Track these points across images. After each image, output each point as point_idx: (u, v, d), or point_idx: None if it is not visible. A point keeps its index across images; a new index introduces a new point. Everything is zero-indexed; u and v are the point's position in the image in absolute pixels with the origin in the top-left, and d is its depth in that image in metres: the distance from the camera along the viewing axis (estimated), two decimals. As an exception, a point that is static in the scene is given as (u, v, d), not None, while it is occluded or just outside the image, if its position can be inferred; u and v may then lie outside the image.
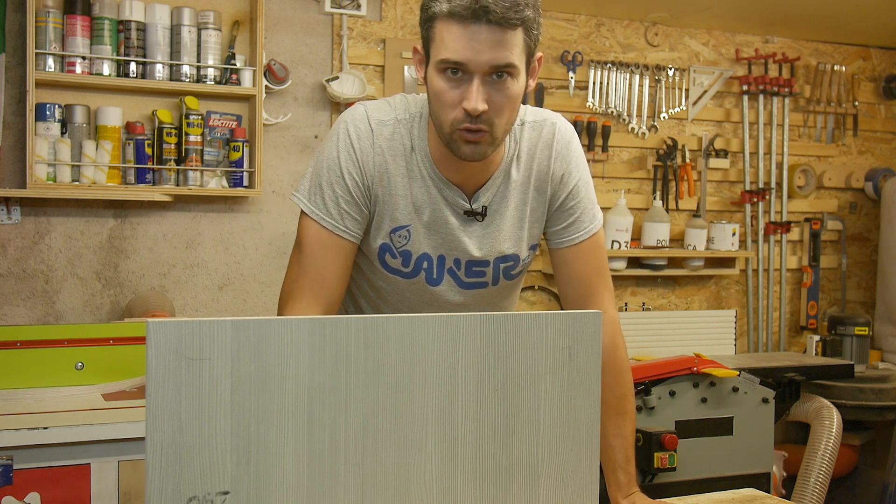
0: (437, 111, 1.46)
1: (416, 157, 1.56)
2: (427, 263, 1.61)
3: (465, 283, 1.64)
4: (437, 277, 1.62)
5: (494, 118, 1.43)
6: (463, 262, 1.62)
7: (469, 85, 1.41)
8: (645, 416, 2.63)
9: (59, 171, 2.91)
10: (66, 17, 2.91)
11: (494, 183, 1.60)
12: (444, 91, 1.43)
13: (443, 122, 1.46)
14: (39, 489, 2.09)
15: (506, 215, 1.62)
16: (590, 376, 1.19)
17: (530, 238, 1.66)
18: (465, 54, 1.38)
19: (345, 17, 3.38)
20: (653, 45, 3.99)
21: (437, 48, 1.42)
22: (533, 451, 1.16)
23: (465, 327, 1.11)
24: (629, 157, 3.96)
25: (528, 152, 1.62)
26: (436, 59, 1.42)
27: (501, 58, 1.39)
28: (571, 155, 1.64)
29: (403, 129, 1.57)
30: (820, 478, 3.06)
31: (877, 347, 4.15)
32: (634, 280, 3.98)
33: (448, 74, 1.41)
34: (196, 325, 0.98)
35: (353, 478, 1.06)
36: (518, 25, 1.39)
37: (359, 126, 1.55)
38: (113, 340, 2.58)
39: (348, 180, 1.54)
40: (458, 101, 1.42)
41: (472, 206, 1.58)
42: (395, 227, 1.58)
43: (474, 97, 1.40)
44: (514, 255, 1.65)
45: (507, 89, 1.42)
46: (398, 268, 1.61)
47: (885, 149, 4.50)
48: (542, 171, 1.62)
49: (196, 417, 0.98)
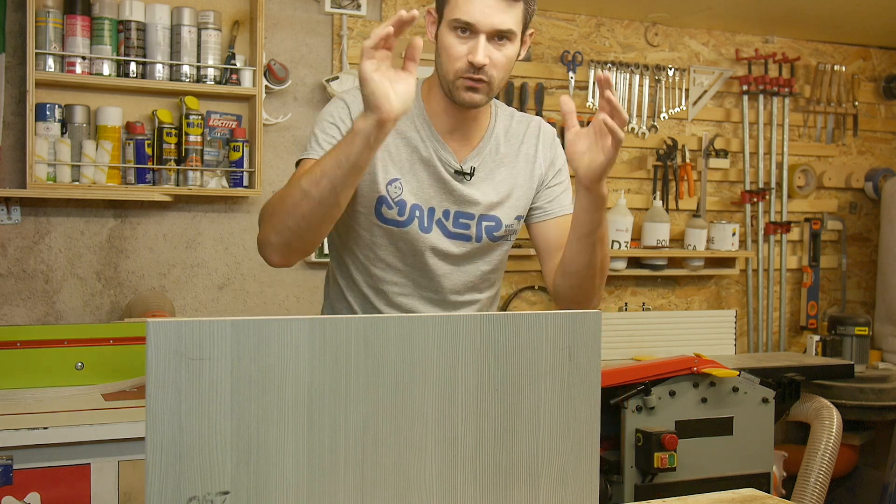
0: (445, 62, 1.72)
1: (413, 120, 1.79)
2: (419, 212, 1.80)
3: (452, 234, 1.83)
4: (427, 226, 1.81)
5: (493, 71, 1.70)
6: (451, 212, 1.82)
7: (475, 42, 1.68)
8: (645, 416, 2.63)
9: (59, 171, 2.91)
10: (66, 17, 2.91)
11: (482, 151, 1.84)
12: (454, 45, 1.69)
13: (448, 71, 1.71)
14: (39, 489, 2.09)
15: (492, 181, 1.84)
16: (590, 376, 1.19)
17: (514, 207, 1.87)
18: (476, 16, 1.66)
19: (345, 17, 3.38)
20: (653, 45, 3.99)
21: (451, 9, 1.69)
22: (533, 451, 1.16)
23: (465, 327, 1.11)
24: (629, 157, 3.96)
25: (518, 138, 1.89)
26: (449, 18, 1.69)
27: (504, 23, 1.68)
28: (556, 148, 1.93)
29: None
30: (820, 478, 3.06)
31: (877, 347, 4.15)
32: (634, 280, 3.97)
33: (458, 32, 1.68)
34: (196, 325, 0.98)
35: (353, 478, 1.06)
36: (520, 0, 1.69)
37: (353, 94, 1.75)
38: (113, 340, 2.58)
39: (340, 124, 1.75)
40: (464, 54, 1.69)
41: (462, 167, 1.81)
42: (391, 180, 1.78)
43: (480, 52, 1.67)
44: (495, 217, 1.85)
45: (504, 50, 1.71)
46: (394, 217, 1.79)
47: (885, 149, 4.50)
48: (529, 155, 1.89)
49: (196, 417, 0.98)
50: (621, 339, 3.75)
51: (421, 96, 1.82)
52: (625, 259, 3.78)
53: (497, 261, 1.92)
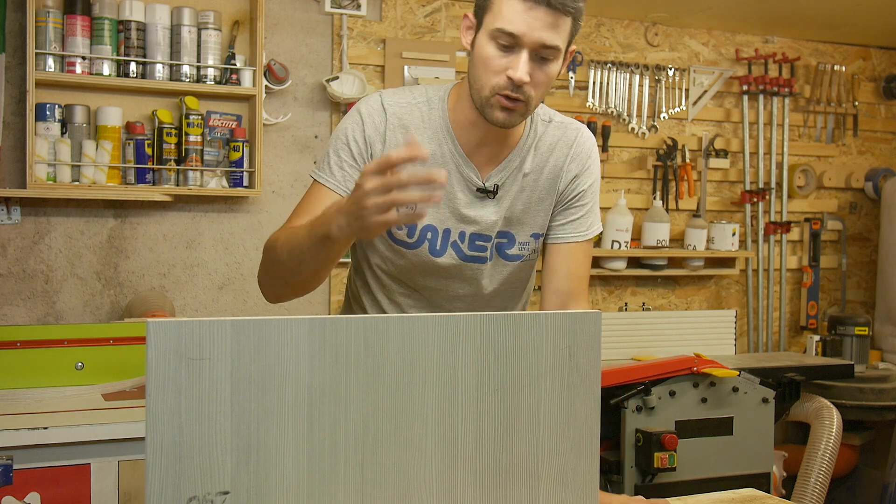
0: (481, 75, 1.56)
1: (436, 137, 1.66)
2: (431, 234, 1.68)
3: (467, 257, 1.71)
4: (440, 248, 1.70)
5: (532, 91, 1.55)
6: (468, 234, 1.70)
7: (517, 56, 1.52)
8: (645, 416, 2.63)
9: (59, 171, 2.91)
10: (66, 17, 2.91)
11: (509, 167, 1.69)
12: (493, 57, 1.53)
13: (483, 86, 1.56)
14: (39, 489, 2.09)
15: (511, 196, 1.70)
16: (590, 376, 1.19)
17: (532, 225, 1.73)
18: (522, 28, 1.50)
19: (345, 17, 3.38)
20: (653, 45, 3.99)
21: (493, 17, 1.52)
22: (533, 451, 1.16)
23: (465, 327, 1.11)
24: (629, 157, 3.96)
25: (548, 147, 1.72)
26: (491, 27, 1.52)
27: (551, 39, 1.51)
28: (590, 162, 1.75)
29: (419, 111, 1.67)
30: (820, 478, 3.06)
31: (877, 347, 4.15)
32: (634, 280, 3.97)
33: (499, 43, 1.52)
34: (196, 325, 0.97)
35: (353, 478, 1.06)
36: (571, 14, 1.52)
37: (372, 106, 1.66)
38: (113, 340, 2.58)
39: (352, 146, 1.64)
40: (503, 68, 1.53)
41: (485, 185, 1.67)
42: None
43: (521, 68, 1.51)
44: (509, 233, 1.72)
45: (547, 68, 1.55)
46: (403, 238, 1.68)
47: (885, 149, 4.50)
48: (556, 167, 1.72)
49: (196, 417, 0.98)
50: (621, 339, 3.75)
51: (447, 106, 1.68)
52: (625, 259, 3.78)
53: (513, 282, 1.79)
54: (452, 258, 1.71)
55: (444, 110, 1.67)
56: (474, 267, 1.73)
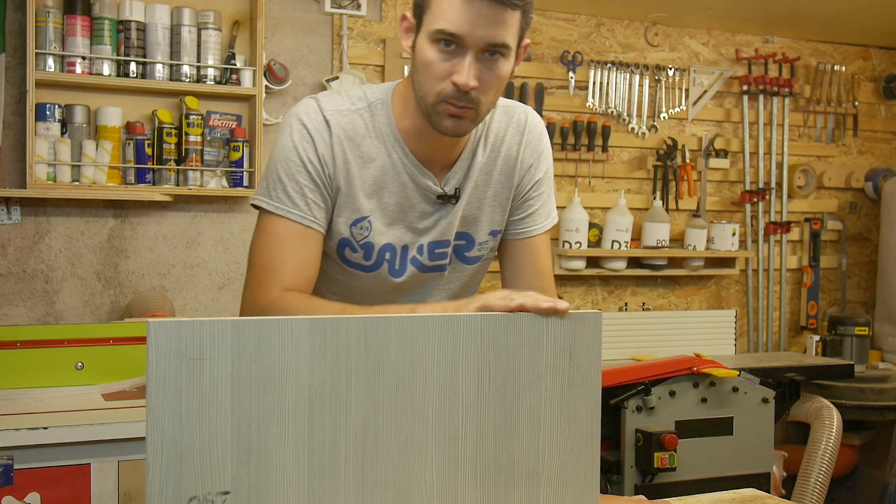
0: (424, 82, 1.42)
1: (383, 146, 1.52)
2: (390, 254, 1.56)
3: (427, 267, 1.59)
4: (399, 268, 1.58)
5: (481, 96, 1.41)
6: (426, 245, 1.57)
7: (462, 59, 1.37)
8: (645, 416, 2.63)
9: (59, 171, 2.91)
10: (66, 17, 2.91)
11: (462, 165, 1.56)
12: (435, 62, 1.39)
13: (427, 93, 1.42)
14: (39, 489, 2.09)
15: (465, 194, 1.58)
16: (590, 376, 1.19)
17: (490, 222, 1.61)
18: (464, 27, 1.35)
19: (345, 17, 3.38)
20: (653, 45, 3.99)
21: (432, 17, 1.37)
22: (533, 451, 1.16)
23: (465, 327, 1.11)
24: (629, 157, 3.96)
25: (497, 135, 1.59)
26: (431, 29, 1.38)
27: (498, 36, 1.36)
28: (542, 147, 1.63)
29: (362, 118, 1.52)
30: (820, 478, 3.06)
31: (877, 347, 4.15)
32: (634, 280, 3.97)
33: (441, 46, 1.37)
34: (196, 325, 0.97)
35: (353, 478, 1.06)
36: (518, 7, 1.37)
37: (313, 117, 1.50)
38: (113, 340, 2.57)
39: (310, 168, 1.48)
40: (447, 73, 1.38)
41: (445, 190, 1.55)
42: (356, 220, 1.52)
43: (466, 72, 1.37)
44: (467, 234, 1.60)
45: (497, 68, 1.40)
46: (359, 261, 1.56)
47: (885, 149, 4.50)
48: (510, 157, 1.60)
49: (196, 417, 0.98)
50: (621, 339, 3.75)
51: (392, 110, 1.52)
52: (625, 259, 3.78)
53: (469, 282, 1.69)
54: (413, 273, 1.59)
55: (390, 116, 1.52)
56: (434, 276, 1.62)
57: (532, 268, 1.64)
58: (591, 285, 3.91)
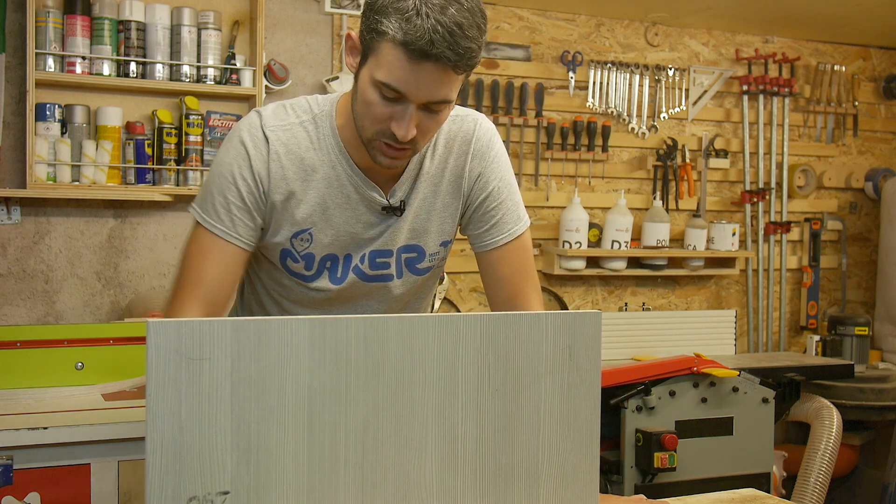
0: (364, 116, 1.42)
1: (328, 158, 1.52)
2: (331, 263, 1.57)
3: (369, 277, 1.59)
4: (340, 276, 1.58)
5: (420, 139, 1.42)
6: (367, 254, 1.57)
7: (403, 110, 1.37)
8: (645, 416, 2.63)
9: (59, 171, 2.91)
10: (66, 17, 2.91)
11: (409, 175, 1.55)
12: (376, 104, 1.39)
13: (365, 128, 1.43)
14: (39, 489, 2.09)
15: (413, 205, 1.57)
16: (590, 376, 1.19)
17: (440, 233, 1.60)
18: (408, 87, 1.34)
19: (345, 17, 3.38)
20: (653, 45, 3.99)
21: (377, 65, 1.36)
22: (533, 451, 1.16)
23: (465, 327, 1.11)
24: (629, 157, 3.96)
25: (446, 145, 1.58)
26: (375, 76, 1.36)
27: (441, 94, 1.37)
28: (492, 155, 1.60)
29: (305, 131, 1.52)
30: (820, 478, 3.06)
31: (877, 347, 4.15)
32: (634, 280, 3.97)
33: (384, 92, 1.37)
34: (196, 325, 0.98)
35: (353, 478, 1.06)
36: (464, 71, 1.37)
37: (254, 134, 1.50)
38: (113, 340, 2.57)
39: (241, 186, 1.49)
40: (387, 117, 1.39)
41: (390, 202, 1.54)
42: (297, 232, 1.53)
43: (405, 125, 1.38)
44: (417, 247, 1.59)
45: (438, 116, 1.41)
46: (300, 271, 1.57)
47: (885, 149, 4.50)
48: (458, 168, 1.58)
49: (196, 417, 0.98)
50: (621, 339, 3.75)
51: (335, 121, 1.52)
52: (625, 259, 3.78)
53: (424, 292, 1.69)
54: (354, 281, 1.59)
55: (334, 128, 1.52)
56: (378, 286, 1.61)
57: (504, 278, 1.62)
58: (591, 285, 3.91)
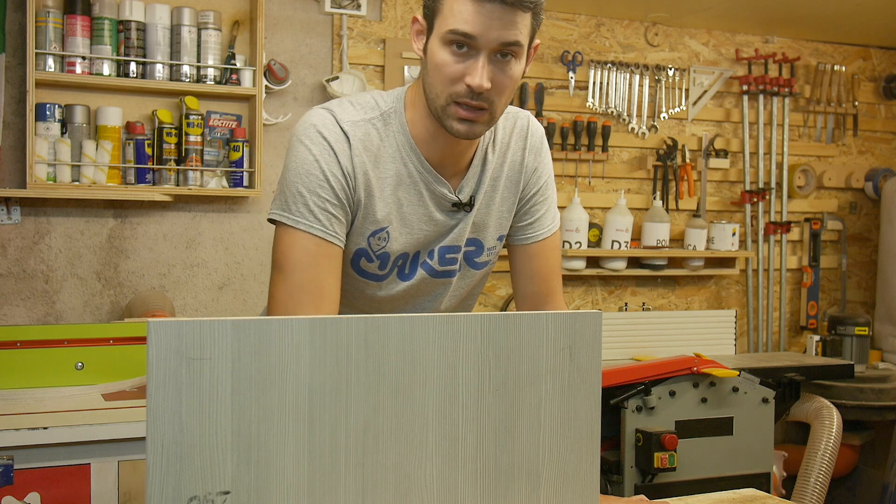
0: (436, 83, 1.42)
1: (399, 155, 1.51)
2: (402, 261, 1.56)
3: (438, 273, 1.59)
4: (409, 273, 1.58)
5: (495, 97, 1.41)
6: (436, 250, 1.58)
7: (475, 60, 1.38)
8: (645, 416, 2.63)
9: (59, 171, 2.91)
10: (66, 17, 2.91)
11: (475, 171, 1.57)
12: (448, 64, 1.39)
13: (439, 95, 1.42)
14: (39, 489, 2.09)
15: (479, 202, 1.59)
16: (590, 376, 1.19)
17: (498, 227, 1.63)
18: (477, 28, 1.35)
19: (345, 17, 3.38)
20: (653, 45, 3.99)
21: (444, 18, 1.38)
22: (533, 451, 1.16)
23: (465, 327, 1.11)
24: (629, 157, 3.96)
25: (503, 140, 1.60)
26: (443, 30, 1.38)
27: (511, 36, 1.37)
28: (544, 151, 1.65)
29: (375, 129, 1.51)
30: (820, 478, 3.06)
31: (877, 347, 4.15)
32: (634, 280, 3.97)
33: (453, 48, 1.38)
34: (197, 325, 0.97)
35: (353, 478, 1.06)
36: (530, 9, 1.39)
37: (332, 130, 1.48)
38: (113, 340, 2.57)
39: (333, 182, 1.46)
40: (460, 75, 1.39)
41: (459, 198, 1.56)
42: (375, 230, 1.52)
43: (480, 73, 1.38)
44: (477, 240, 1.61)
45: (510, 69, 1.41)
46: (373, 271, 1.55)
47: (885, 149, 4.50)
48: (515, 162, 1.61)
49: (196, 417, 0.98)
50: (621, 339, 3.75)
51: (404, 118, 1.52)
52: (625, 259, 3.78)
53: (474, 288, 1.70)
54: (422, 277, 1.59)
55: (403, 124, 1.51)
56: (442, 281, 1.61)
57: (538, 274, 1.66)
58: (591, 285, 3.91)
